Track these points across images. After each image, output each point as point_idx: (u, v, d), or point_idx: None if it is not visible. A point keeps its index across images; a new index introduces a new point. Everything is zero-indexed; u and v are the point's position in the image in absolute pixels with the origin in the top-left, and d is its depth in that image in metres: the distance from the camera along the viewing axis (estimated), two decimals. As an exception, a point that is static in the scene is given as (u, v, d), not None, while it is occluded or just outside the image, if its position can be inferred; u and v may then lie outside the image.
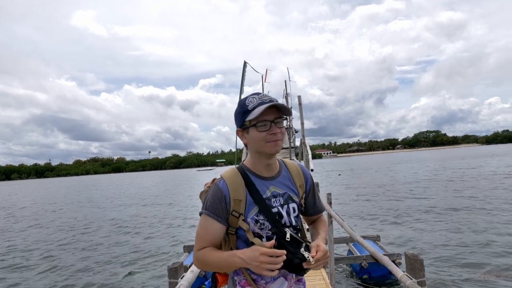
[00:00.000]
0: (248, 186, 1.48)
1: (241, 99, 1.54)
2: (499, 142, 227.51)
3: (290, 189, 1.57)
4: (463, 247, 8.46)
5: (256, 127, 1.44)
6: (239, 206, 1.45)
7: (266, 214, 1.46)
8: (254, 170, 1.53)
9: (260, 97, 1.45)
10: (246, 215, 1.45)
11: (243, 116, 1.47)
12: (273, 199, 1.50)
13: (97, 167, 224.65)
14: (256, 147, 1.48)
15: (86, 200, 30.82)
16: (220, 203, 1.44)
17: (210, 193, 1.48)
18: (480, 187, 19.67)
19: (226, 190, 1.46)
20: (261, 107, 1.40)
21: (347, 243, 7.76)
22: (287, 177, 1.60)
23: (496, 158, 49.95)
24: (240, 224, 1.45)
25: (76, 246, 11.80)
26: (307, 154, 7.87)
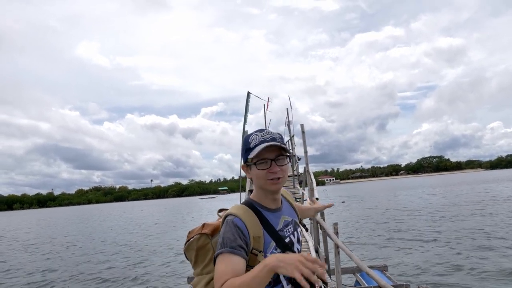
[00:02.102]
0: (262, 222, 1.46)
1: (246, 135, 1.55)
2: (504, 167, 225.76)
3: (293, 215, 1.64)
4: (471, 277, 8.24)
5: (256, 165, 1.45)
6: (259, 243, 1.40)
7: (282, 247, 1.45)
8: (263, 204, 1.52)
9: (262, 135, 1.47)
10: (265, 251, 1.42)
11: (246, 153, 1.49)
12: (285, 228, 1.52)
13: (99, 196, 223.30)
14: (259, 184, 1.49)
15: (83, 231, 30.46)
16: (241, 240, 1.35)
17: (226, 232, 1.38)
18: (490, 214, 19.37)
19: (244, 227, 1.39)
20: (260, 146, 1.42)
21: (354, 273, 7.58)
22: (287, 203, 1.66)
23: (504, 183, 49.43)
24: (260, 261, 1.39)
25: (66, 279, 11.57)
26: (311, 183, 7.81)
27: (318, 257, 6.98)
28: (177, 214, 45.11)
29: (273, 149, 1.44)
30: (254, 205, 1.51)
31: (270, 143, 1.43)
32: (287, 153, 1.48)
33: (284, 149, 1.46)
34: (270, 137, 1.46)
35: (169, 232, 23.59)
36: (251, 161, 1.47)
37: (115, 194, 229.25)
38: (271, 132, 1.49)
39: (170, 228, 26.43)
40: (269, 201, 1.53)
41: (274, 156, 1.44)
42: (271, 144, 1.42)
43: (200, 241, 1.58)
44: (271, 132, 1.49)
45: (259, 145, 1.43)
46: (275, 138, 1.47)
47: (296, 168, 12.90)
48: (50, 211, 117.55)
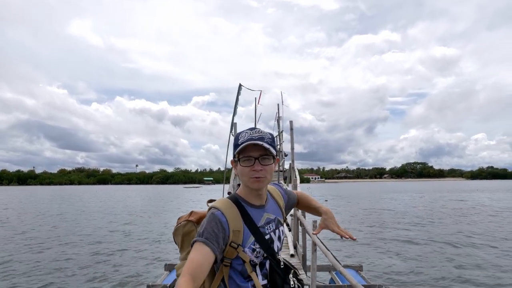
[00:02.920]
0: (244, 217, 1.51)
1: (238, 132, 1.58)
2: (484, 178, 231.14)
3: (278, 213, 1.67)
4: (445, 282, 8.48)
5: (240, 162, 1.50)
6: (238, 237, 1.47)
7: (262, 243, 1.51)
8: (247, 200, 1.58)
9: (251, 133, 1.50)
10: (244, 245, 1.48)
11: (234, 149, 1.52)
12: (267, 226, 1.57)
13: (82, 177, 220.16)
14: (243, 180, 1.54)
15: (63, 212, 30.14)
16: (218, 233, 1.42)
17: (207, 223, 1.44)
18: (467, 221, 19.86)
19: (225, 221, 1.45)
20: (244, 144, 1.46)
21: (330, 271, 7.72)
22: (273, 202, 1.69)
23: (482, 194, 50.64)
24: (240, 255, 1.48)
25: (43, 260, 11.47)
26: (295, 180, 7.91)
27: (296, 253, 7.09)
28: (161, 201, 44.94)
29: (258, 148, 1.47)
30: (239, 200, 1.57)
31: (254, 141, 1.45)
32: (272, 154, 1.49)
33: (269, 149, 1.47)
34: (258, 136, 1.48)
35: (151, 219, 23.52)
36: (237, 157, 1.51)
37: (98, 177, 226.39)
38: (261, 132, 1.52)
39: (152, 215, 26.35)
40: (253, 197, 1.57)
41: (258, 155, 1.47)
42: (254, 143, 1.45)
43: (186, 227, 1.65)
44: (261, 132, 1.51)
45: (245, 143, 1.46)
46: (263, 137, 1.49)
47: (282, 164, 12.98)
48: (31, 189, 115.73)
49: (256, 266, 1.52)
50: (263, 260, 1.54)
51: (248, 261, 1.49)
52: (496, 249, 12.20)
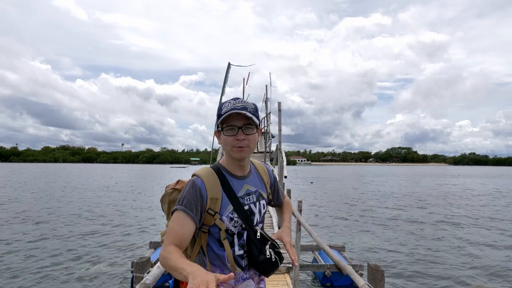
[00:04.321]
0: (223, 185, 1.54)
1: (221, 102, 1.59)
2: (465, 164, 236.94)
3: (260, 187, 1.68)
4: (424, 261, 8.77)
5: (223, 131, 1.50)
6: (215, 204, 1.49)
7: (240, 212, 1.53)
8: (229, 169, 1.60)
9: (234, 103, 1.49)
10: (222, 213, 1.50)
11: (218, 119, 1.52)
12: (247, 197, 1.59)
13: (66, 155, 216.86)
14: (226, 150, 1.55)
15: (50, 188, 29.81)
16: (196, 200, 1.45)
17: (186, 191, 1.48)
18: (446, 203, 20.43)
19: (204, 188, 1.49)
20: (228, 113, 1.46)
21: (313, 251, 7.89)
22: (256, 175, 1.70)
23: (462, 179, 51.96)
24: (216, 223, 1.50)
25: (33, 236, 11.41)
26: (282, 161, 7.96)
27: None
28: (149, 180, 44.81)
29: (241, 117, 1.48)
30: (220, 168, 1.59)
31: (237, 111, 1.45)
32: (255, 123, 1.51)
33: (252, 118, 1.48)
34: (241, 106, 1.48)
35: (136, 196, 23.49)
36: (220, 126, 1.51)
37: (83, 155, 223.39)
38: (244, 101, 1.51)
39: (136, 193, 26.30)
40: (235, 167, 1.59)
41: (242, 124, 1.48)
42: (237, 112, 1.45)
43: (172, 195, 1.68)
44: (244, 101, 1.51)
45: (228, 112, 1.46)
46: (246, 107, 1.49)
47: (269, 145, 13.03)
48: (14, 166, 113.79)
49: (234, 235, 1.55)
50: (241, 230, 1.56)
51: (224, 229, 1.51)
52: (470, 228, 12.63)
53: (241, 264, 1.57)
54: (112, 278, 7.47)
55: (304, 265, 6.43)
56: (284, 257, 5.70)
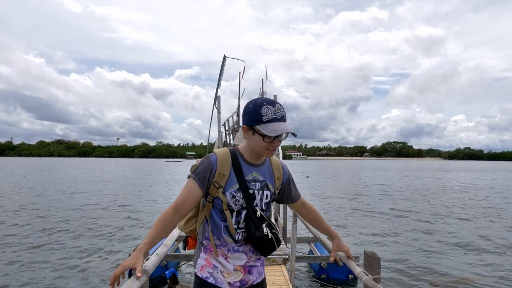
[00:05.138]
0: (234, 165, 1.73)
1: (257, 102, 1.66)
2: (460, 159, 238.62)
3: (268, 179, 1.82)
4: (420, 252, 8.87)
5: (262, 137, 1.64)
6: (222, 180, 1.70)
7: (244, 192, 1.71)
8: (244, 156, 1.77)
9: (275, 111, 1.62)
10: (226, 188, 1.70)
11: (255, 122, 1.63)
12: (252, 182, 1.75)
13: (61, 149, 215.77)
14: (255, 148, 1.70)
15: (47, 183, 29.71)
16: (206, 172, 1.69)
17: (200, 163, 1.73)
18: (440, 197, 20.61)
19: (215, 163, 1.70)
20: (276, 131, 1.60)
21: (309, 243, 7.95)
22: (268, 168, 1.84)
23: (456, 173, 52.35)
24: (219, 196, 1.70)
25: (30, 229, 11.40)
26: (277, 154, 7.97)
27: (276, 225, 7.25)
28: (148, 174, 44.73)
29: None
30: (236, 152, 1.78)
31: (285, 131, 1.62)
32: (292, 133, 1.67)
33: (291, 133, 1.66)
34: (281, 115, 1.63)
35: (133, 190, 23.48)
36: (258, 131, 1.63)
37: (78, 149, 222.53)
38: (281, 109, 1.64)
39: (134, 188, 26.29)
40: (252, 157, 1.77)
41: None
42: (287, 131, 1.63)
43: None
44: (281, 109, 1.64)
45: (272, 123, 1.61)
46: (284, 116, 1.64)
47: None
48: (10, 161, 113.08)
49: (233, 212, 1.72)
50: (241, 209, 1.73)
51: (225, 201, 1.70)
52: (465, 221, 12.78)
53: (235, 237, 1.74)
54: (111, 268, 7.51)
55: (300, 257, 6.49)
56: (279, 249, 5.76)
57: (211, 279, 1.76)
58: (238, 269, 1.78)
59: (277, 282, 4.74)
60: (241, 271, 1.79)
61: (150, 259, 2.02)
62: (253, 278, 1.83)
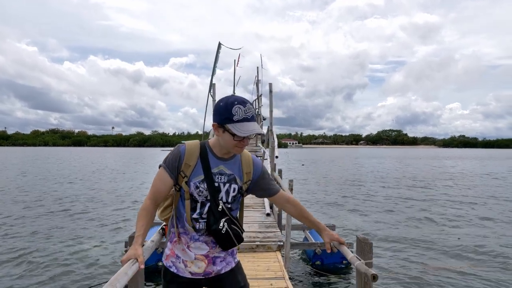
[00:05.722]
0: (202, 157, 1.79)
1: (228, 101, 1.68)
2: (455, 146, 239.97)
3: (236, 173, 1.86)
4: (415, 238, 9.00)
5: (233, 136, 1.68)
6: (187, 169, 1.77)
7: (208, 184, 1.77)
8: (213, 149, 1.82)
9: (245, 111, 1.66)
10: (190, 179, 1.77)
11: (225, 121, 1.67)
12: (218, 175, 1.80)
13: (56, 139, 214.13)
14: (225, 145, 1.75)
15: (44, 172, 29.62)
16: (175, 161, 1.77)
17: (171, 152, 1.81)
18: (434, 184, 20.84)
19: (183, 153, 1.78)
20: (246, 131, 1.64)
21: (304, 230, 8.04)
22: (237, 163, 1.88)
23: (451, 161, 52.81)
24: (182, 185, 1.78)
25: (27, 218, 11.40)
26: (273, 142, 8.00)
27: (272, 213, 7.31)
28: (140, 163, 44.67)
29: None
30: (205, 145, 1.84)
31: (255, 132, 1.65)
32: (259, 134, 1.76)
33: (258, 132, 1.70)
34: (251, 115, 1.68)
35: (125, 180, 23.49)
36: (228, 129, 1.67)
37: (73, 139, 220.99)
38: (251, 109, 1.69)
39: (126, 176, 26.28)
40: (219, 150, 1.81)
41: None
42: (255, 133, 1.67)
43: None
44: (251, 109, 1.69)
45: (242, 123, 1.65)
46: (254, 116, 1.70)
47: (261, 127, 13.03)
48: (6, 150, 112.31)
49: (197, 203, 1.79)
50: (205, 201, 1.78)
51: (187, 191, 1.77)
52: (458, 207, 12.97)
53: (195, 227, 1.80)
54: (107, 255, 7.58)
55: (295, 243, 6.58)
56: (274, 236, 5.83)
57: (173, 268, 1.84)
58: (199, 258, 1.83)
59: (272, 268, 4.80)
60: (204, 262, 1.83)
61: (146, 244, 2.05)
62: (217, 268, 1.87)
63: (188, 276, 1.83)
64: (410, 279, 6.42)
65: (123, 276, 1.54)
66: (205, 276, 1.85)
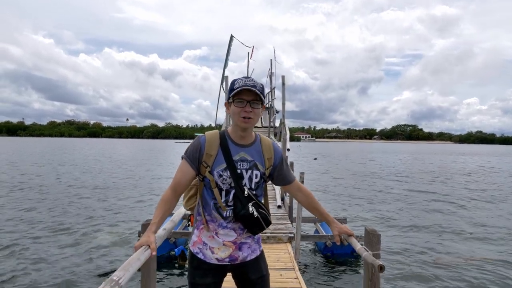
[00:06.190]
0: (222, 146, 1.85)
1: (234, 79, 1.83)
2: (472, 142, 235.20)
3: (258, 159, 1.90)
4: (425, 231, 8.95)
5: (234, 103, 1.79)
6: (209, 159, 1.83)
7: (231, 172, 1.82)
8: (232, 136, 1.89)
9: (246, 81, 1.79)
10: (213, 168, 1.83)
11: (230, 93, 1.82)
12: (240, 162, 1.86)
13: (72, 130, 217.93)
14: (234, 119, 1.84)
15: (65, 163, 30.25)
16: (196, 152, 1.84)
17: (192, 144, 1.88)
18: (450, 180, 20.56)
19: (204, 144, 1.85)
20: (240, 88, 1.76)
21: (315, 223, 8.06)
22: (258, 149, 1.93)
23: (467, 158, 51.87)
24: (206, 174, 1.83)
25: (46, 205, 11.71)
26: (285, 134, 8.01)
27: (283, 205, 7.35)
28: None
29: (251, 93, 1.77)
30: (225, 133, 1.91)
31: (249, 87, 1.75)
32: (261, 100, 1.80)
33: (260, 95, 1.78)
34: (252, 83, 1.77)
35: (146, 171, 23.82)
36: (232, 99, 1.80)
37: (88, 130, 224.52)
38: (254, 81, 1.80)
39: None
40: (237, 136, 1.88)
41: (250, 99, 1.78)
42: (249, 88, 1.75)
43: None
44: (254, 80, 1.80)
45: (240, 88, 1.76)
46: (255, 85, 1.78)
47: (273, 120, 13.03)
48: (25, 140, 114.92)
49: (222, 191, 1.84)
50: (229, 188, 1.83)
51: (212, 180, 1.82)
52: (472, 204, 12.79)
53: (222, 214, 1.84)
54: (122, 243, 7.78)
55: (305, 236, 6.62)
56: (285, 228, 5.87)
57: (200, 255, 1.89)
58: (227, 245, 1.87)
59: (282, 259, 4.86)
60: (232, 247, 1.88)
61: (158, 232, 2.11)
62: (243, 255, 1.91)
63: (215, 262, 1.88)
64: (419, 271, 6.41)
65: (135, 261, 1.62)
66: (231, 262, 1.90)
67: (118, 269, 1.50)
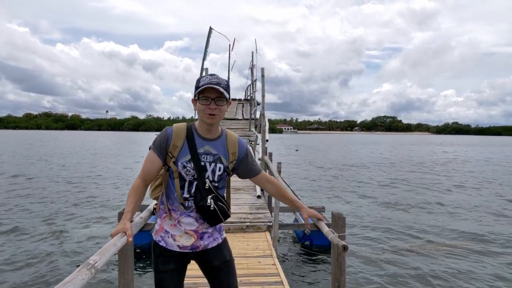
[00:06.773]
0: (188, 138, 1.95)
1: (199, 77, 1.92)
2: (448, 133, 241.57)
3: (222, 153, 2.00)
4: (402, 217, 9.28)
5: (199, 100, 1.87)
6: (175, 150, 1.93)
7: (195, 164, 1.91)
8: (198, 130, 1.98)
9: (210, 78, 1.87)
10: (178, 159, 1.92)
11: (195, 90, 1.91)
12: (204, 155, 1.95)
13: (49, 122, 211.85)
14: (200, 116, 1.94)
15: (37, 155, 29.59)
16: (163, 143, 1.93)
17: (159, 134, 1.97)
18: (425, 169, 21.19)
19: (171, 135, 1.94)
20: (204, 86, 1.84)
21: (294, 212, 8.25)
22: (223, 143, 2.02)
23: (444, 147, 53.38)
24: (170, 165, 1.93)
25: (20, 196, 11.53)
26: (264, 126, 8.12)
27: (262, 195, 7.50)
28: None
29: (215, 91, 1.85)
30: (192, 126, 2.00)
31: (213, 85, 1.83)
32: (225, 97, 1.88)
33: (224, 93, 1.86)
34: (216, 81, 1.85)
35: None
36: (197, 96, 1.88)
37: (66, 122, 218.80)
38: (219, 78, 1.89)
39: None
40: (203, 130, 1.97)
41: (215, 97, 1.86)
42: (212, 86, 1.83)
43: None
44: (219, 78, 1.89)
45: (205, 86, 1.83)
46: (220, 83, 1.85)
47: (254, 112, 13.11)
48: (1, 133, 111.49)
49: (185, 182, 1.93)
50: (193, 180, 1.92)
51: (176, 170, 1.91)
52: (447, 192, 13.29)
53: (185, 204, 1.93)
54: (100, 232, 7.77)
55: (284, 224, 6.78)
56: (264, 217, 6.02)
57: (162, 243, 1.97)
58: (189, 233, 1.95)
59: (260, 247, 5.00)
60: (193, 236, 1.96)
61: (135, 220, 2.20)
62: (204, 243, 2.00)
63: (177, 249, 1.95)
64: (390, 259, 6.69)
65: (112, 247, 1.69)
66: (193, 250, 1.98)
67: (95, 254, 1.58)
